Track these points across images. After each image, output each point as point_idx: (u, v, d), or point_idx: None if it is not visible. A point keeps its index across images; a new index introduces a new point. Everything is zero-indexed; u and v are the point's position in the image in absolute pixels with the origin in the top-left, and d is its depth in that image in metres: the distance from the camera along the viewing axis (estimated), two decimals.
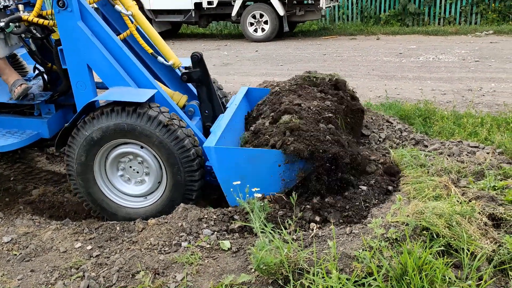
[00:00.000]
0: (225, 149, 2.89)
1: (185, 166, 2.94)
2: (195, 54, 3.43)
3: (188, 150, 2.93)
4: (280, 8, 10.86)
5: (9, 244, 2.77)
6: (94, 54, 3.03)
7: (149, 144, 2.93)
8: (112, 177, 3.15)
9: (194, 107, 3.57)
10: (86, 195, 3.13)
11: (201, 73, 3.45)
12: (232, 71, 8.11)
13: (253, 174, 2.85)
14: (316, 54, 9.40)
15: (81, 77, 3.08)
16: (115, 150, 3.04)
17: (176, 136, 2.89)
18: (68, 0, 2.91)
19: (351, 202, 2.83)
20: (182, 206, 2.93)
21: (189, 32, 13.97)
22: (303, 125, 2.95)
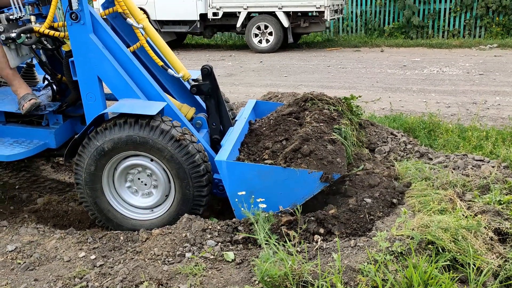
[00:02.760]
0: (236, 164, 2.91)
1: (195, 181, 2.94)
2: (206, 67, 3.45)
3: (199, 165, 2.93)
4: (284, 19, 10.95)
5: (13, 253, 2.77)
6: (105, 66, 3.07)
7: (160, 157, 2.93)
8: (120, 188, 3.15)
9: (202, 120, 3.57)
10: (92, 204, 3.12)
11: (210, 85, 3.45)
12: (236, 82, 8.15)
13: (262, 190, 2.85)
14: (320, 66, 9.45)
15: (91, 89, 3.11)
16: (125, 161, 3.04)
17: (188, 151, 2.89)
18: (81, 13, 2.95)
19: (356, 215, 2.83)
20: (186, 217, 2.93)
21: (194, 43, 14.08)
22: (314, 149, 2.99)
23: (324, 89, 7.25)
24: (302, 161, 2.86)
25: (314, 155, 2.90)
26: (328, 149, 3.00)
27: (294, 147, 2.98)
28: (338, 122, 3.46)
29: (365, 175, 3.31)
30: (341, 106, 3.71)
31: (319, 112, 3.51)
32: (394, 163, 3.48)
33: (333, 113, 3.57)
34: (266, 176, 2.85)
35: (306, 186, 2.82)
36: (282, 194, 2.86)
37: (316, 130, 3.18)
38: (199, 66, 9.87)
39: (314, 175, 2.79)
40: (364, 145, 3.95)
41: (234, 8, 11.38)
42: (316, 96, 3.78)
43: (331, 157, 2.91)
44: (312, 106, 3.67)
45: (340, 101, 3.82)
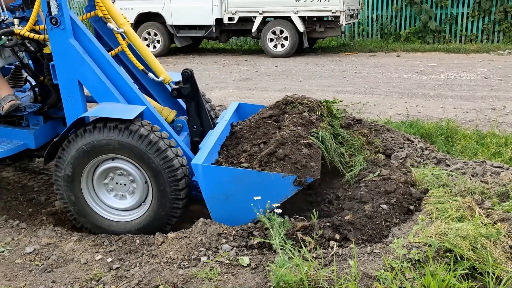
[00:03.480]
0: (212, 168, 2.94)
1: (172, 185, 2.97)
2: (186, 70, 3.50)
3: (176, 169, 2.96)
4: (300, 24, 10.95)
5: (31, 255, 2.82)
6: (85, 71, 3.11)
7: (137, 161, 2.97)
8: (99, 190, 3.18)
9: (183, 123, 3.63)
10: (71, 205, 3.16)
11: (191, 89, 3.51)
12: (251, 86, 8.17)
13: (237, 194, 2.89)
14: (335, 71, 9.42)
15: (72, 92, 3.15)
16: (104, 164, 3.08)
17: (165, 156, 2.92)
18: (61, 18, 2.99)
19: (372, 221, 2.80)
20: (202, 221, 2.94)
21: (209, 47, 14.16)
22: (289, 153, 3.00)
23: (340, 94, 7.22)
24: (276, 165, 2.89)
25: (289, 159, 2.92)
26: (303, 153, 3.02)
27: (269, 151, 3.00)
28: (317, 126, 3.47)
29: (381, 181, 3.29)
30: (321, 110, 3.72)
31: (298, 115, 3.53)
32: (411, 169, 3.44)
33: (312, 116, 3.58)
34: (241, 180, 2.87)
35: (280, 189, 2.84)
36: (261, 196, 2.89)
37: (293, 134, 3.20)
38: (215, 70, 9.95)
39: (288, 179, 2.81)
40: (380, 151, 3.92)
41: (250, 13, 11.42)
42: (296, 99, 3.78)
43: (305, 161, 2.93)
44: (292, 109, 3.68)
45: (320, 104, 3.83)
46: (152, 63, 3.64)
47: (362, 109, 6.03)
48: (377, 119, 5.27)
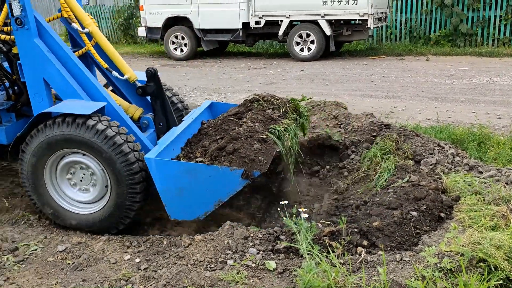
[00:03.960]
0: (164, 161, 2.97)
1: (128, 178, 3.05)
2: (150, 69, 3.60)
3: (132, 163, 3.04)
4: (327, 28, 10.89)
5: (63, 253, 2.89)
6: (49, 69, 3.25)
7: (95, 155, 3.07)
8: (62, 183, 3.29)
9: (149, 120, 3.73)
10: (36, 198, 3.29)
11: (155, 87, 3.60)
12: (278, 90, 8.16)
13: (190, 187, 2.94)
14: (362, 74, 9.32)
15: (38, 90, 3.31)
16: (65, 158, 3.20)
17: (121, 150, 3.01)
18: (25, 19, 3.14)
19: (401, 228, 2.75)
20: (229, 224, 2.96)
21: (235, 51, 14.24)
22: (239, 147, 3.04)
23: (367, 98, 7.15)
24: (225, 159, 2.92)
25: (238, 153, 2.94)
26: (254, 148, 3.03)
27: (220, 146, 3.05)
28: (278, 122, 3.48)
29: (410, 187, 3.23)
30: (285, 108, 3.75)
31: (259, 112, 3.56)
32: (442, 176, 3.36)
33: (275, 113, 3.60)
34: (193, 173, 2.90)
35: (229, 182, 2.86)
36: (208, 190, 2.91)
37: (248, 130, 3.23)
38: (241, 74, 10.00)
39: (236, 172, 2.82)
40: (409, 157, 3.85)
41: (277, 17, 11.43)
42: (263, 97, 3.82)
43: (254, 155, 2.95)
44: (257, 107, 3.71)
45: (286, 102, 3.86)
46: (118, 62, 3.74)
47: (390, 114, 5.93)
48: (405, 124, 5.18)
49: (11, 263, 2.82)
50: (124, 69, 3.74)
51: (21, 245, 3.04)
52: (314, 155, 4.53)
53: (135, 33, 15.97)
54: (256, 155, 2.95)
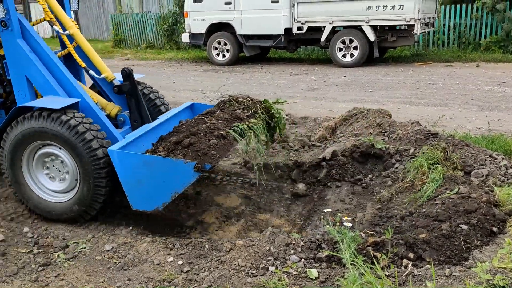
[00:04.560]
0: (125, 154, 3.12)
1: (95, 172, 3.26)
2: (125, 69, 3.83)
3: (100, 158, 3.24)
4: (371, 34, 10.71)
5: (110, 253, 2.98)
6: (31, 68, 3.56)
7: (67, 147, 3.30)
8: (38, 173, 3.55)
9: (125, 117, 3.95)
10: (15, 186, 3.56)
11: (130, 86, 3.83)
12: (319, 96, 8.11)
13: (148, 179, 3.06)
14: (407, 81, 9.08)
15: (22, 87, 3.63)
16: (42, 149, 3.46)
17: (90, 146, 3.23)
18: (9, 21, 3.46)
19: (450, 241, 2.65)
20: (270, 230, 2.95)
21: (277, 56, 14.27)
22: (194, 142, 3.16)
23: (412, 106, 6.96)
24: (180, 152, 3.03)
25: (193, 147, 3.05)
26: (210, 143, 3.15)
27: (177, 140, 3.17)
28: (245, 121, 3.60)
29: (460, 199, 3.10)
30: (255, 108, 3.85)
31: (227, 112, 3.71)
32: (494, 188, 3.21)
33: (245, 113, 3.73)
34: (150, 165, 3.03)
35: (183, 175, 2.97)
36: (165, 182, 3.02)
37: (210, 127, 3.37)
38: (282, 79, 10.00)
39: (189, 165, 2.91)
40: (458, 167, 3.70)
41: (319, 23, 11.37)
42: (234, 98, 3.96)
43: (207, 149, 3.06)
44: (229, 107, 3.85)
45: (257, 103, 3.96)
46: (97, 63, 4.00)
47: (437, 122, 5.74)
48: (454, 133, 4.99)
49: (62, 260, 2.94)
50: (102, 69, 3.98)
51: (71, 243, 3.16)
52: (357, 163, 4.45)
53: (179, 39, 16.34)
54: (210, 149, 3.08)
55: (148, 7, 20.28)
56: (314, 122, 6.27)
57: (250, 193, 4.24)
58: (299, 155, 4.84)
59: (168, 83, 10.08)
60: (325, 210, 2.89)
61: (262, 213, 3.92)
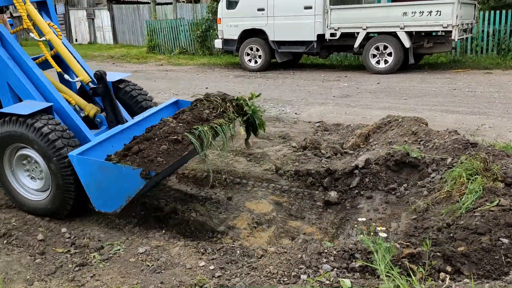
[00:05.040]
0: (82, 159, 3.23)
1: (62, 171, 3.42)
2: (97, 72, 3.92)
3: (65, 157, 3.39)
4: (406, 40, 10.52)
5: (143, 255, 3.02)
6: (10, 74, 3.80)
7: (37, 149, 3.49)
8: (18, 173, 3.79)
9: (102, 118, 4.12)
10: (2, 186, 3.85)
11: (103, 88, 3.93)
12: (352, 103, 8.01)
13: (105, 183, 3.16)
14: (444, 89, 8.85)
15: (4, 92, 3.89)
16: (20, 151, 3.69)
17: (55, 145, 3.40)
18: None
19: (489, 255, 2.56)
20: (302, 238, 2.92)
21: (309, 63, 14.22)
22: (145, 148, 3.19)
23: (449, 114, 6.77)
24: (130, 159, 3.10)
25: (141, 153, 3.11)
26: (159, 149, 3.15)
27: (128, 146, 3.24)
28: (210, 122, 3.60)
29: (500, 212, 2.99)
30: (224, 107, 3.83)
31: (194, 113, 3.71)
32: None
33: (212, 113, 3.74)
34: (104, 171, 3.13)
35: (133, 180, 3.01)
36: (118, 186, 3.10)
37: (167, 131, 3.36)
38: (314, 86, 9.95)
39: (137, 172, 2.97)
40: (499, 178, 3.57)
41: (353, 29, 11.27)
42: (206, 97, 3.95)
43: (154, 156, 3.08)
44: (200, 107, 3.84)
45: (229, 101, 3.93)
46: (73, 66, 4.14)
47: (476, 131, 5.56)
48: (494, 143, 4.82)
49: (97, 260, 3.01)
50: (78, 72, 4.13)
51: (106, 244, 3.23)
52: (391, 172, 4.36)
53: (211, 44, 16.54)
54: (158, 156, 3.10)
55: (182, 13, 20.65)
56: (346, 129, 6.20)
57: (281, 199, 4.23)
58: (331, 163, 4.79)
59: (200, 88, 10.21)
60: (359, 219, 2.83)
61: (293, 220, 3.90)
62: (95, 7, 25.86)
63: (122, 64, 16.31)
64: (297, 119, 6.93)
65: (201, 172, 4.74)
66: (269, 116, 7.20)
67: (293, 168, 4.69)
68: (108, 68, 14.86)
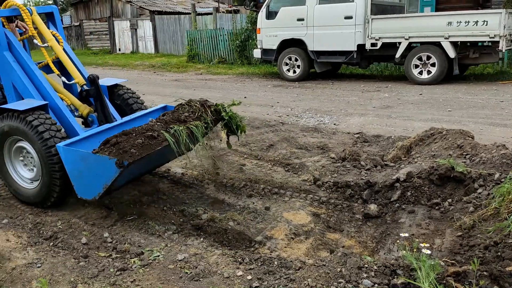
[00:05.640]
0: (67, 149, 3.64)
1: (49, 160, 3.80)
2: (90, 76, 4.35)
3: (51, 147, 3.77)
4: (451, 50, 10.23)
5: (182, 262, 3.05)
6: (14, 76, 4.29)
7: (28, 140, 3.91)
8: (16, 163, 4.25)
9: (93, 117, 4.48)
10: (2, 176, 4.31)
11: (94, 90, 4.35)
12: (393, 115, 7.84)
13: (85, 172, 3.54)
14: (491, 101, 8.52)
15: (10, 91, 4.38)
16: (17, 143, 4.12)
17: (42, 137, 3.79)
18: None
19: None
20: (342, 251, 2.87)
21: (348, 73, 14.07)
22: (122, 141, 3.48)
23: (497, 127, 6.50)
24: (107, 150, 3.39)
25: (118, 145, 3.41)
26: (135, 143, 3.44)
27: (107, 139, 3.52)
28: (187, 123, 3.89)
29: None
30: (200, 112, 4.13)
31: (175, 115, 4.01)
32: None
33: (190, 116, 4.04)
34: (85, 160, 3.50)
35: (108, 169, 3.33)
36: (97, 175, 3.44)
37: (144, 128, 3.69)
38: (354, 96, 9.82)
39: (112, 161, 3.28)
40: None
41: (395, 39, 11.07)
42: (188, 102, 4.25)
43: (129, 148, 3.37)
44: (181, 110, 4.14)
45: (207, 107, 4.24)
46: (70, 70, 4.51)
47: None
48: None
49: (137, 266, 3.06)
50: (74, 75, 4.50)
51: (146, 250, 3.29)
52: (434, 186, 4.21)
53: (250, 54, 16.69)
54: (132, 148, 3.39)
55: (222, 23, 20.98)
56: (387, 141, 6.07)
57: (319, 211, 4.17)
58: (371, 175, 4.69)
59: (239, 97, 10.27)
60: (401, 234, 2.75)
61: (331, 232, 3.84)
62: (138, 18, 26.74)
63: (162, 73, 16.71)
64: (336, 130, 6.85)
65: (239, 181, 4.76)
66: (307, 126, 7.16)
67: (332, 180, 4.63)
68: (149, 77, 15.31)
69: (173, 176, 5.00)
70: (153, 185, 4.71)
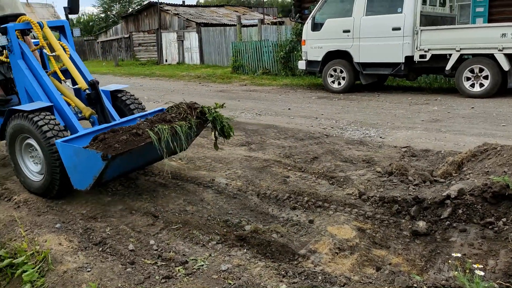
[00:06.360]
0: (64, 145, 4.03)
1: (51, 160, 4.26)
2: (91, 81, 4.80)
3: (53, 145, 4.18)
4: (505, 62, 9.78)
5: (225, 273, 3.07)
6: (26, 82, 4.84)
7: (34, 137, 4.38)
8: (25, 157, 4.76)
9: (94, 118, 4.91)
10: (15, 169, 4.81)
11: (95, 95, 4.81)
12: (443, 129, 7.57)
13: (78, 164, 3.94)
14: None
15: (23, 95, 4.94)
16: (26, 140, 4.62)
17: (45, 135, 4.25)
18: (13, 47, 4.81)
19: None
20: (389, 269, 2.78)
21: (395, 85, 13.76)
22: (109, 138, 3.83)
23: None
24: (95, 145, 3.77)
25: (105, 141, 3.77)
26: (121, 139, 3.79)
27: (96, 136, 3.87)
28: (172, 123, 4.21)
29: None
30: (188, 114, 4.44)
31: (161, 116, 4.33)
32: None
33: (176, 117, 4.35)
34: (78, 154, 3.90)
35: (95, 162, 3.71)
36: (88, 167, 3.83)
37: (132, 126, 4.04)
38: (401, 109, 9.58)
39: (99, 154, 3.64)
40: None
41: (445, 51, 10.73)
42: (178, 104, 4.59)
43: (113, 143, 3.73)
44: (169, 111, 4.48)
45: (194, 109, 4.54)
46: (75, 76, 4.96)
47: None
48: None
49: (182, 274, 3.10)
50: (78, 80, 4.94)
51: (190, 259, 3.33)
52: (488, 205, 4.01)
53: (294, 65, 16.70)
54: (116, 143, 3.74)
55: (267, 35, 21.18)
56: (436, 156, 5.86)
57: (364, 226, 4.07)
58: (420, 190, 4.54)
59: (283, 109, 10.30)
60: (452, 254, 2.63)
61: (377, 248, 3.73)
62: (185, 30, 27.49)
63: (207, 83, 17.03)
64: (382, 143, 6.69)
65: (282, 193, 4.74)
66: (352, 139, 7.04)
67: (378, 194, 4.52)
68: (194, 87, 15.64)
69: (217, 186, 5.05)
70: (198, 195, 4.78)
